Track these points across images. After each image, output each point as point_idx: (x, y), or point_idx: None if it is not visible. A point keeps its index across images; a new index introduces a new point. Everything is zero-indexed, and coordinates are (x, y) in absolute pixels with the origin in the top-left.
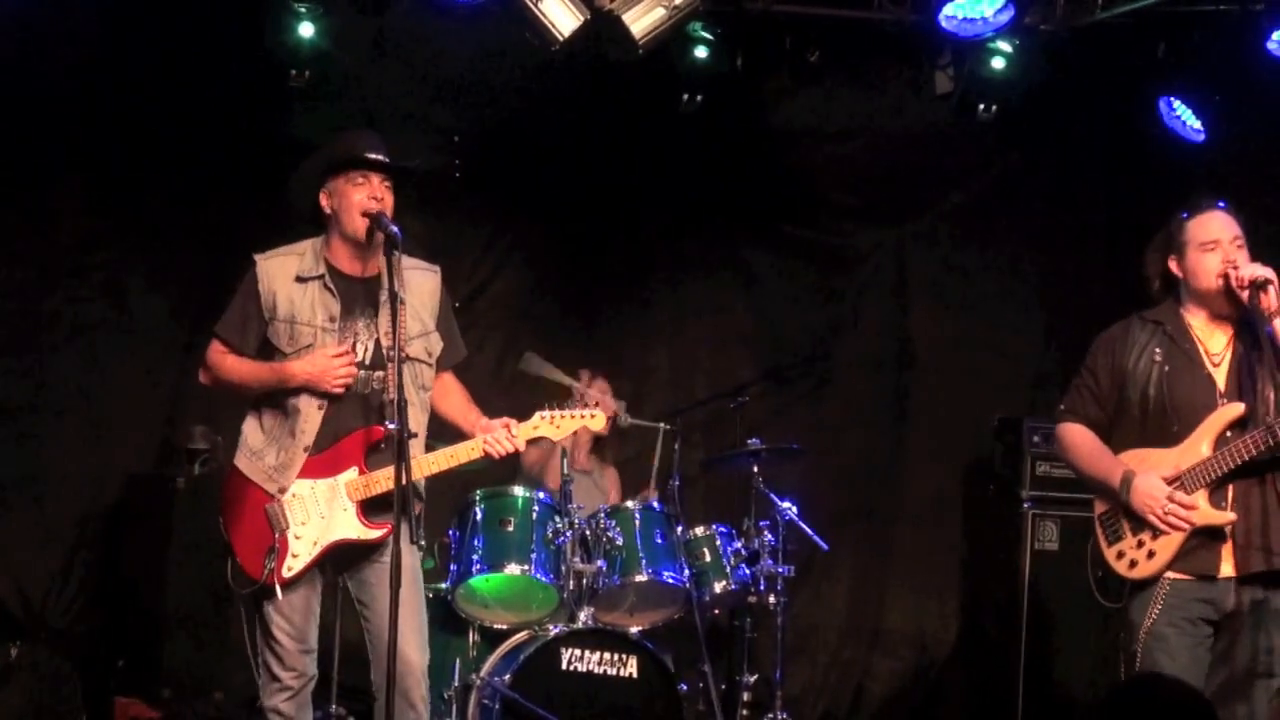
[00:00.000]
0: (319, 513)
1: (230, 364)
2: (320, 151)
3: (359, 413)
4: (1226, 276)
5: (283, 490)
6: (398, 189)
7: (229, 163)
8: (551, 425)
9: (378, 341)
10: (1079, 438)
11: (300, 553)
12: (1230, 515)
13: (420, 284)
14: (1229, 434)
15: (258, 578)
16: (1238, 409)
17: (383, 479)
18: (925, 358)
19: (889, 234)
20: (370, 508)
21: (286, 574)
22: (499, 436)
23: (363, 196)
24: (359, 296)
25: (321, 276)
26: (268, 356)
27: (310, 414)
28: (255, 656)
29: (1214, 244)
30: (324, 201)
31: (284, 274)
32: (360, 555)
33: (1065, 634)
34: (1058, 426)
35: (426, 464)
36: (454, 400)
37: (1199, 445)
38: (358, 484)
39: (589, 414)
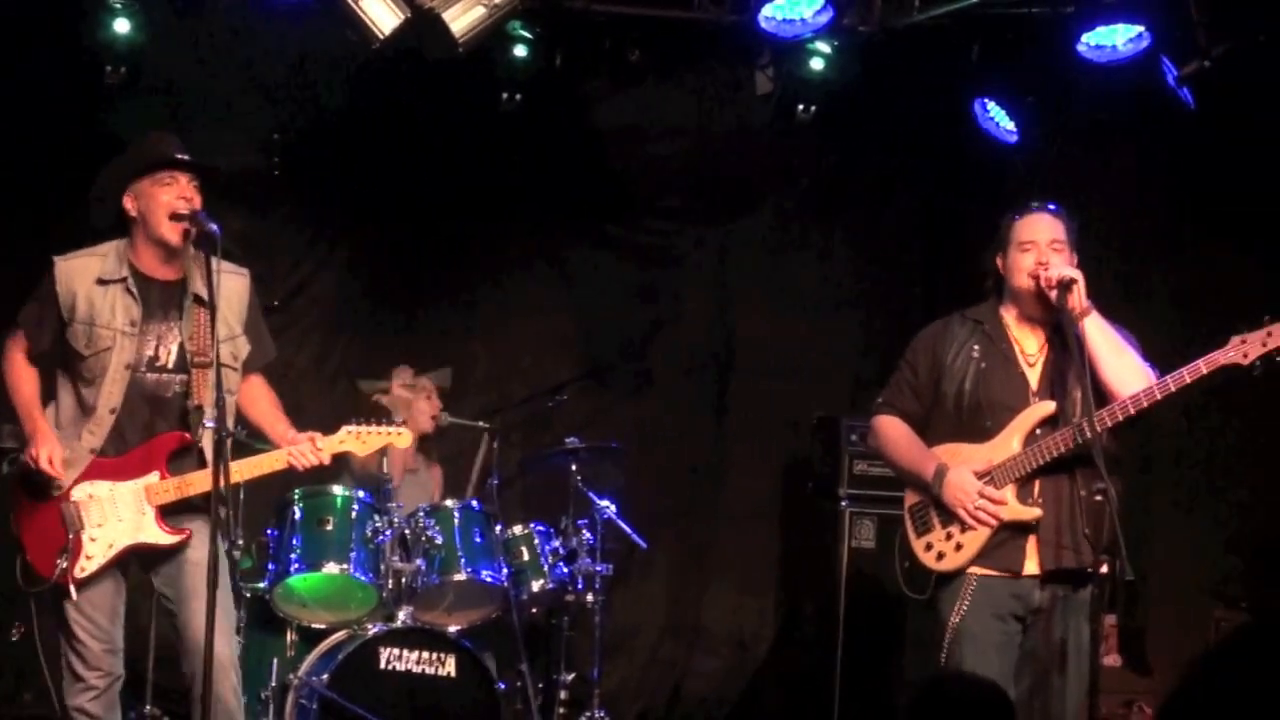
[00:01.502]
0: (117, 516)
1: (15, 369)
2: (122, 156)
3: (157, 417)
4: (1037, 277)
5: (60, 488)
6: (205, 189)
7: (42, 159)
8: (357, 440)
9: (182, 345)
10: (893, 430)
11: (95, 554)
12: (1036, 511)
13: (229, 287)
14: (1039, 431)
15: (49, 576)
16: (1049, 407)
17: (183, 484)
18: (745, 357)
19: (709, 234)
20: (170, 512)
21: (79, 574)
22: (304, 450)
23: (171, 197)
24: (162, 300)
25: (124, 280)
26: (66, 358)
27: (103, 417)
28: (56, 658)
29: (1031, 244)
30: (129, 204)
31: (84, 276)
32: (165, 553)
33: (882, 631)
34: (873, 419)
35: (230, 471)
36: (262, 406)
37: (1010, 441)
38: (158, 489)
39: (395, 431)
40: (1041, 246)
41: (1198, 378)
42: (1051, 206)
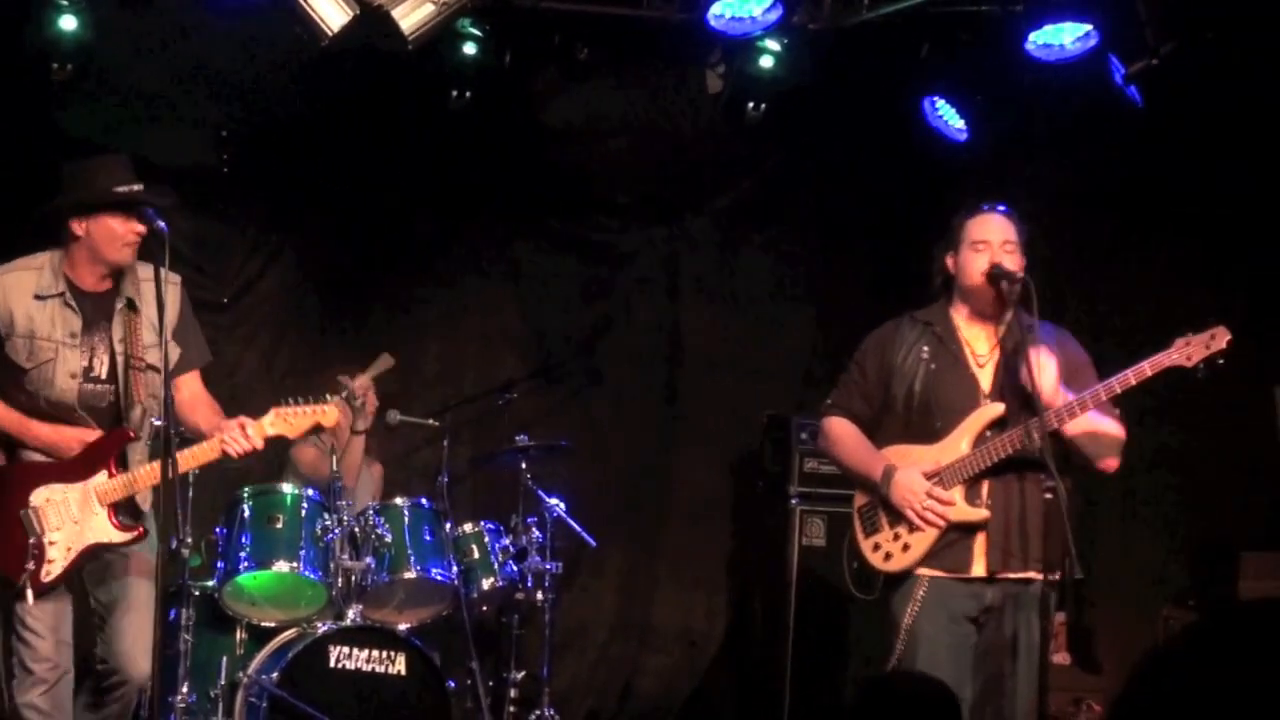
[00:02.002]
0: (71, 518)
1: None
2: (76, 182)
3: (103, 425)
4: (988, 275)
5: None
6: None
7: None
8: (285, 423)
9: (112, 354)
10: (842, 430)
11: (55, 558)
12: (984, 513)
13: (152, 300)
14: (988, 433)
15: (15, 578)
16: (998, 409)
17: (131, 480)
18: (695, 355)
19: (659, 232)
20: (121, 510)
21: (45, 579)
22: (234, 435)
23: (125, 229)
24: (96, 311)
25: (62, 294)
26: (6, 373)
27: (41, 430)
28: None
29: (984, 244)
30: (77, 228)
31: (21, 291)
32: (103, 553)
33: (832, 630)
34: (822, 420)
35: (153, 471)
36: (201, 411)
37: (959, 442)
38: (107, 488)
39: (321, 410)
40: (994, 247)
41: (1142, 379)
42: (1002, 208)
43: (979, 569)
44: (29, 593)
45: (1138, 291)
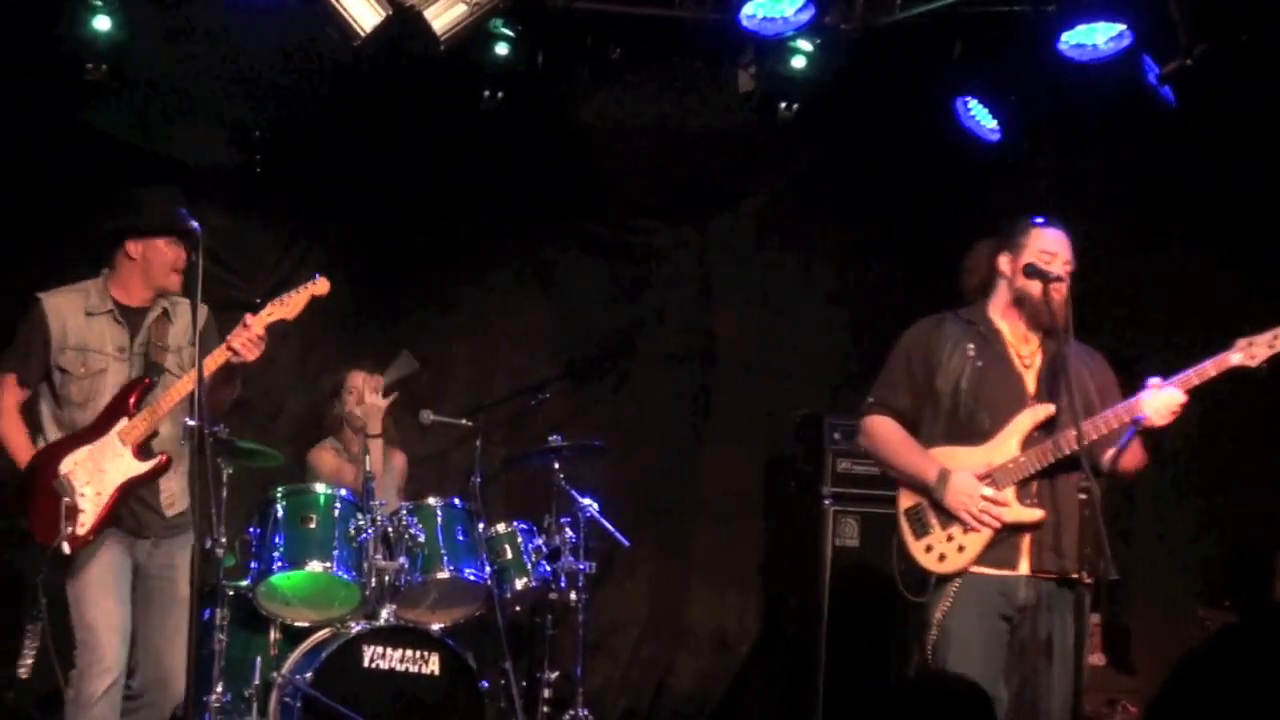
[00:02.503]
0: (99, 468)
1: (5, 416)
2: (137, 208)
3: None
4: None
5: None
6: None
7: (23, 157)
8: (283, 306)
9: (145, 357)
10: (888, 431)
11: (87, 509)
12: (1039, 513)
13: (186, 314)
14: (1037, 434)
15: (51, 542)
16: (1049, 410)
17: (153, 411)
18: (727, 355)
19: (691, 232)
20: (143, 449)
21: (81, 531)
22: (237, 335)
23: (176, 255)
24: (137, 325)
25: (110, 311)
26: (54, 387)
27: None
28: (58, 653)
29: (1052, 256)
30: (133, 250)
31: (72, 308)
32: (146, 517)
33: (866, 630)
34: (865, 419)
35: (184, 384)
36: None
37: (1009, 443)
38: (128, 428)
39: (312, 284)
40: (1058, 263)
41: (1206, 380)
42: (1061, 227)
43: (1024, 567)
44: (65, 546)
45: (1172, 291)
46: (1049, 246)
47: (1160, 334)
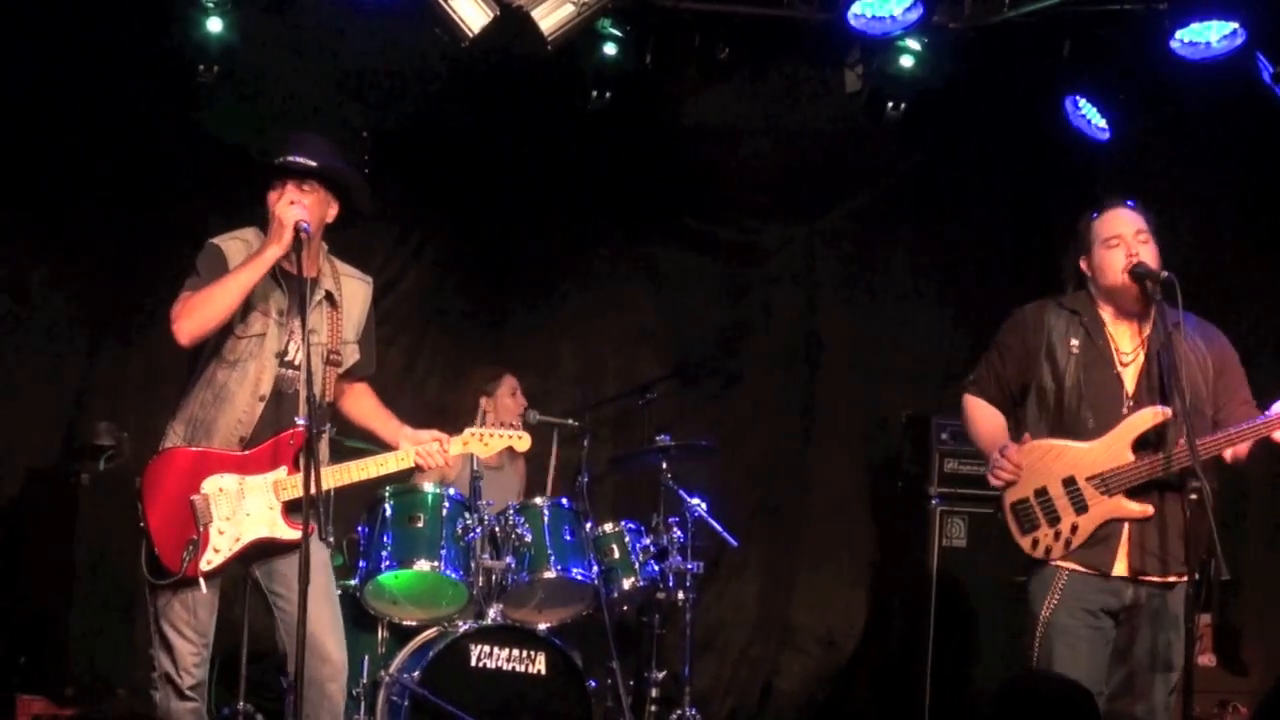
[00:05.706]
0: (244, 510)
1: (201, 293)
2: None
3: (284, 412)
4: (1131, 273)
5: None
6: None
7: (135, 158)
8: (480, 443)
9: (307, 342)
10: (980, 413)
11: (221, 548)
12: (1148, 508)
13: (353, 293)
14: (1150, 437)
15: (175, 570)
16: (1164, 414)
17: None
18: (833, 355)
19: (797, 231)
20: (294, 507)
21: (205, 568)
22: (431, 450)
23: (278, 200)
24: (293, 295)
25: (272, 271)
26: (217, 340)
27: (251, 404)
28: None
29: (1117, 239)
30: (269, 199)
31: (240, 257)
32: (274, 550)
33: (973, 630)
34: (963, 397)
35: (356, 470)
36: (366, 405)
37: (1122, 448)
38: (286, 484)
39: (516, 435)
40: (1128, 240)
41: None
42: (1130, 202)
43: (1120, 569)
44: (201, 584)
45: None
46: (1110, 231)
47: (1273, 336)
